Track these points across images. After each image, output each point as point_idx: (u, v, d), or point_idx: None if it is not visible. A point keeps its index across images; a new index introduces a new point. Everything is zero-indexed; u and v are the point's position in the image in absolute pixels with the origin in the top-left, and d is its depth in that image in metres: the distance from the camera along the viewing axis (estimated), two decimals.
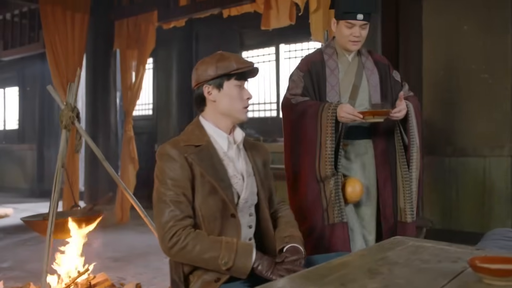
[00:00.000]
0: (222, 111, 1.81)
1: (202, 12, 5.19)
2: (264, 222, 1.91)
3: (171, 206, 1.68)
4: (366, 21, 2.41)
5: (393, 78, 2.62)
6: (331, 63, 2.55)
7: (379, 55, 2.68)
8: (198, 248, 1.63)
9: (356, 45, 2.48)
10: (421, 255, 1.60)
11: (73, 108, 3.04)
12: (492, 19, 4.64)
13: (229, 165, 1.80)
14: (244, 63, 1.81)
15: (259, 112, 6.67)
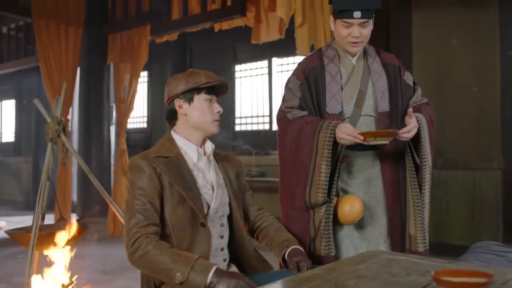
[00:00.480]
0: (192, 124, 1.87)
1: (194, 26, 5.24)
2: (238, 232, 1.94)
3: (137, 214, 1.72)
4: (365, 18, 2.08)
5: (404, 82, 2.27)
6: (332, 67, 2.23)
7: (388, 54, 2.32)
8: (156, 257, 1.64)
9: (356, 46, 2.15)
10: (391, 268, 1.60)
11: (59, 121, 3.06)
12: (481, 33, 4.69)
13: (198, 175, 1.85)
14: (214, 78, 1.86)
15: (252, 125, 6.70)
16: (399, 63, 2.30)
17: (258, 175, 6.09)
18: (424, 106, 2.26)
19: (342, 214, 2.11)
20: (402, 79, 2.27)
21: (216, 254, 1.86)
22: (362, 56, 2.25)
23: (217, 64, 6.91)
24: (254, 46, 5.62)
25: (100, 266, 4.65)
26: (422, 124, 2.12)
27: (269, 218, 2.07)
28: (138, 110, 8.08)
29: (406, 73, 2.31)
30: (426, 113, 2.20)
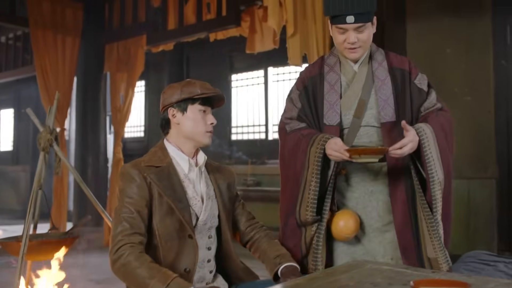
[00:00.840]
0: (185, 134, 1.87)
1: (190, 36, 5.28)
2: (225, 244, 1.94)
3: (123, 221, 1.73)
4: (360, 22, 1.93)
5: (415, 87, 2.06)
6: (332, 76, 2.11)
7: (399, 57, 2.12)
8: (136, 270, 1.64)
9: (354, 52, 2.01)
10: (374, 278, 1.60)
11: (51, 130, 3.07)
12: (474, 42, 4.71)
13: (188, 186, 1.85)
14: (209, 89, 1.86)
15: (248, 134, 6.72)
16: (410, 66, 2.10)
17: (253, 184, 6.09)
18: (435, 113, 2.03)
19: (336, 230, 2.00)
20: (413, 84, 2.07)
21: (203, 266, 1.87)
22: (367, 62, 2.09)
23: (213, 73, 6.93)
24: (250, 55, 5.65)
25: (94, 276, 4.65)
26: (424, 136, 1.91)
27: (261, 229, 2.06)
28: (135, 119, 8.11)
29: (419, 76, 2.10)
30: (434, 122, 1.99)
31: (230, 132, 6.86)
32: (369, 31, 1.99)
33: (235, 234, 2.08)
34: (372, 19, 1.99)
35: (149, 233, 1.78)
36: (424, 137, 1.92)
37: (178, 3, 5.33)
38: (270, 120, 6.48)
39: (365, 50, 2.05)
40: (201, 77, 6.97)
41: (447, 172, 1.98)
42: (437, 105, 2.07)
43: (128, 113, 6.17)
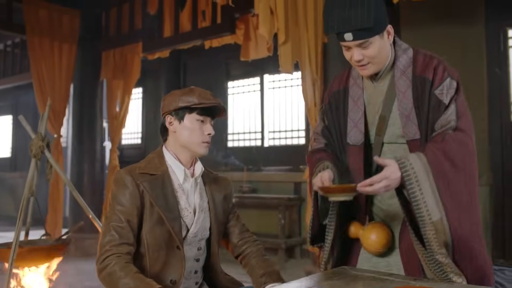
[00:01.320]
0: (181, 143, 1.84)
1: (185, 43, 5.30)
2: (213, 257, 1.93)
3: (112, 230, 1.72)
4: (360, 39, 1.73)
5: (435, 98, 1.77)
6: (355, 90, 1.94)
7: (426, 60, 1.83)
8: (121, 279, 1.64)
9: (364, 69, 1.82)
10: (355, 285, 1.61)
11: (43, 137, 3.08)
12: (468, 50, 4.73)
13: (181, 197, 1.82)
14: (208, 99, 1.81)
15: (244, 141, 6.73)
16: (436, 71, 1.79)
17: (249, 191, 6.09)
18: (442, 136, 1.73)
19: (367, 244, 1.86)
20: (433, 94, 1.78)
21: (189, 277, 1.87)
22: (389, 70, 1.87)
23: (210, 80, 6.96)
24: (247, 63, 5.67)
25: (88, 282, 4.65)
26: (410, 171, 1.64)
27: (253, 244, 2.02)
28: (132, 126, 8.13)
29: (445, 84, 1.79)
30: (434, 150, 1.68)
31: (227, 139, 6.87)
32: (376, 45, 1.76)
33: (227, 246, 2.06)
34: (380, 32, 1.75)
35: (137, 241, 1.77)
36: (408, 173, 1.63)
37: (174, 10, 5.35)
38: (266, 127, 6.50)
39: (379, 65, 1.82)
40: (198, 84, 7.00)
41: (459, 206, 1.67)
42: (451, 124, 1.74)
43: (124, 120, 6.19)
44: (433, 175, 1.65)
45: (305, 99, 3.86)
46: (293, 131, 6.22)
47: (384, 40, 1.78)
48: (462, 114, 1.77)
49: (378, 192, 1.67)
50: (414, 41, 5.02)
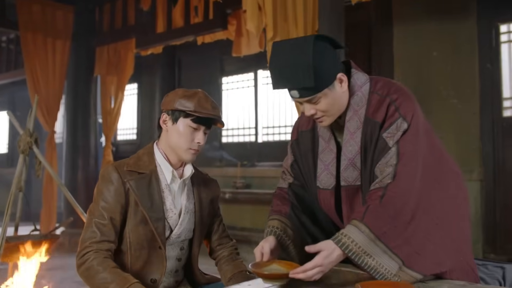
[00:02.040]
0: (169, 144, 1.82)
1: (178, 39, 5.30)
2: (193, 257, 1.94)
3: (94, 227, 1.72)
4: (306, 97, 1.66)
5: (382, 141, 1.68)
6: (324, 131, 1.84)
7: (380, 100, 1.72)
8: (98, 274, 1.66)
9: (320, 122, 1.75)
10: (330, 279, 1.62)
11: (31, 133, 3.09)
12: (460, 45, 4.73)
13: (167, 198, 1.81)
14: (205, 109, 1.75)
15: (238, 137, 6.74)
16: (386, 114, 1.69)
17: (243, 187, 6.11)
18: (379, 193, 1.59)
19: None
20: (380, 137, 1.69)
21: (170, 276, 1.87)
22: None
23: (204, 76, 6.96)
24: (241, 58, 5.68)
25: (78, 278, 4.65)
26: (351, 246, 1.51)
27: (227, 249, 2.02)
28: (128, 122, 8.14)
29: (392, 127, 1.68)
30: (372, 215, 1.55)
31: (221, 134, 6.88)
32: (327, 98, 1.68)
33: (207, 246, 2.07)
34: (328, 84, 1.66)
35: (120, 238, 1.78)
36: (350, 248, 1.51)
37: (167, 6, 5.36)
38: (260, 123, 6.50)
39: (335, 115, 1.74)
40: (192, 79, 6.99)
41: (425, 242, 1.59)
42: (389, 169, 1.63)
43: (118, 116, 6.20)
44: (380, 239, 1.52)
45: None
46: (287, 127, 6.23)
47: (336, 90, 1.69)
48: (405, 156, 1.64)
49: (311, 278, 1.52)
50: (406, 36, 5.04)
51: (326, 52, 1.67)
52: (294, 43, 1.68)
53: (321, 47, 1.65)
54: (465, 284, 1.58)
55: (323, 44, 1.66)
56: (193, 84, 7.02)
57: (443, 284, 1.55)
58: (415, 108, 1.72)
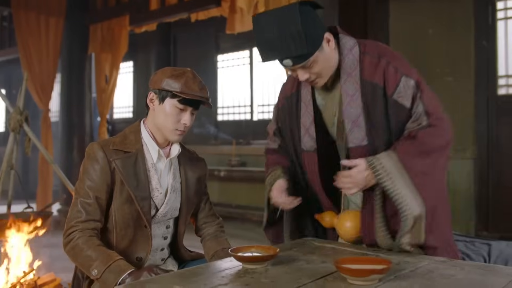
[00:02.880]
0: (156, 123, 1.80)
1: (171, 16, 5.25)
2: (179, 235, 1.95)
3: (79, 206, 1.73)
4: (300, 63, 1.70)
5: (394, 103, 1.73)
6: (306, 94, 1.89)
7: (374, 62, 1.77)
8: (83, 252, 1.67)
9: (315, 84, 1.80)
10: (312, 256, 1.63)
11: (21, 111, 3.09)
12: (456, 22, 4.69)
13: (153, 177, 1.81)
14: (192, 91, 1.72)
15: (233, 115, 6.72)
16: (386, 77, 1.74)
17: (238, 165, 6.12)
18: (412, 133, 1.70)
19: (342, 231, 1.86)
20: (390, 100, 1.73)
21: (155, 254, 1.89)
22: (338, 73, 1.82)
23: (200, 54, 6.91)
24: (236, 36, 5.62)
25: None
26: (380, 170, 1.64)
27: (212, 227, 2.03)
28: (124, 100, 8.12)
29: (401, 87, 1.73)
30: (405, 146, 1.68)
31: (216, 112, 6.86)
32: (319, 60, 1.72)
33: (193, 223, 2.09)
34: (318, 47, 1.70)
35: (106, 216, 1.78)
36: (379, 172, 1.64)
37: None
38: (255, 101, 6.48)
39: (328, 75, 1.79)
40: (188, 57, 6.94)
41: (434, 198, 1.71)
42: (423, 123, 1.71)
43: (112, 94, 6.18)
44: (407, 172, 1.64)
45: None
46: None
47: (325, 51, 1.74)
48: (431, 111, 1.73)
49: (346, 189, 1.70)
50: (402, 14, 4.99)
51: (311, 16, 1.69)
52: (278, 14, 1.69)
53: (305, 12, 1.67)
54: (445, 260, 1.60)
55: (307, 9, 1.68)
56: (188, 62, 6.98)
57: (424, 260, 1.57)
58: (409, 64, 1.79)
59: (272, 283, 1.30)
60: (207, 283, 1.31)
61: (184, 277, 1.38)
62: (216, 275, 1.39)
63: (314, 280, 1.33)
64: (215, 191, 6.45)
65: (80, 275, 1.83)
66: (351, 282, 1.30)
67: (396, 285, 1.30)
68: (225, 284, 1.30)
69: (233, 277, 1.37)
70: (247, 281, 1.32)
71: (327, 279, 1.35)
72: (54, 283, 3.13)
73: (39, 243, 4.06)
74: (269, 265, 1.49)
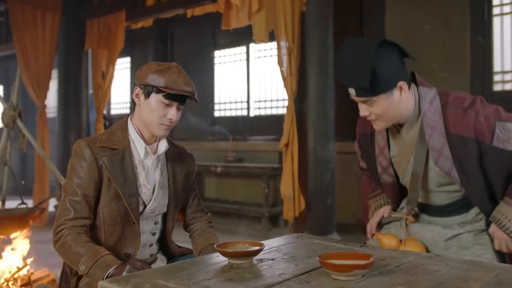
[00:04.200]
0: (142, 119, 1.80)
1: (167, 12, 5.24)
2: (167, 231, 1.96)
3: (67, 204, 1.74)
4: (362, 97, 1.74)
5: (494, 150, 1.74)
6: (380, 138, 1.96)
7: (458, 117, 1.75)
8: (72, 248, 1.68)
9: (374, 124, 1.84)
10: (299, 251, 1.64)
11: (15, 107, 3.09)
12: (452, 18, 4.69)
13: (141, 173, 1.82)
14: (177, 86, 1.73)
15: (230, 111, 6.72)
16: (479, 129, 1.73)
17: (234, 161, 6.12)
18: None
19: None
20: (490, 148, 1.74)
21: (144, 250, 1.89)
22: (416, 122, 1.84)
23: (197, 49, 6.91)
24: (233, 32, 5.61)
25: None
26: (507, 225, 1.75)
27: (201, 223, 2.04)
28: (121, 96, 8.12)
29: (498, 133, 1.72)
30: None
31: (213, 108, 6.86)
32: (382, 104, 1.73)
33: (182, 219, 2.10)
34: (386, 91, 1.72)
35: (94, 213, 1.79)
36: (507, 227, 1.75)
37: None
38: (252, 97, 6.48)
39: (389, 122, 1.81)
40: (185, 53, 6.93)
41: None
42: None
43: (109, 90, 6.18)
44: None
45: (281, 68, 3.84)
46: (278, 101, 6.21)
47: (394, 98, 1.74)
48: None
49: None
50: (398, 9, 4.99)
51: (390, 58, 1.70)
52: (362, 42, 1.75)
53: (385, 51, 1.69)
54: (431, 255, 1.60)
55: (388, 50, 1.71)
56: (185, 58, 6.97)
57: (410, 256, 1.57)
58: (493, 105, 1.80)
59: (255, 278, 1.31)
60: (191, 278, 1.31)
61: (168, 272, 1.39)
62: (200, 270, 1.40)
63: (297, 276, 1.33)
64: (212, 187, 6.46)
65: (68, 270, 1.84)
66: (335, 278, 1.30)
67: (379, 280, 1.30)
68: (209, 279, 1.30)
69: (217, 272, 1.37)
70: (230, 276, 1.33)
71: (310, 274, 1.35)
72: (48, 279, 3.14)
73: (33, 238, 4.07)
74: (256, 260, 1.50)
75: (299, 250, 1.66)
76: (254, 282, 1.27)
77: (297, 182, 4.32)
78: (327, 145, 4.25)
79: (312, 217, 4.38)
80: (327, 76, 4.14)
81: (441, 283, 1.28)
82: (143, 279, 1.32)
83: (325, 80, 4.14)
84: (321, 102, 4.17)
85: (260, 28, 3.72)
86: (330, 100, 4.24)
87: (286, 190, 4.31)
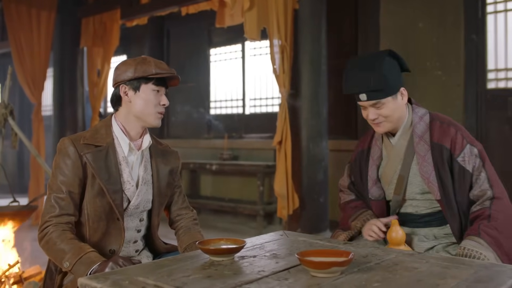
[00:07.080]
0: (135, 113, 1.83)
1: (162, 10, 5.24)
2: (153, 228, 1.97)
3: (52, 201, 1.75)
4: (373, 100, 1.95)
5: (458, 165, 1.95)
6: (375, 150, 2.16)
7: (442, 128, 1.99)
8: (56, 245, 1.69)
9: (378, 127, 2.02)
10: (282, 248, 1.65)
11: (6, 105, 3.09)
12: (446, 16, 4.69)
13: (125, 170, 1.83)
14: (164, 69, 1.80)
15: (226, 108, 6.72)
16: (454, 142, 1.95)
17: (230, 159, 6.13)
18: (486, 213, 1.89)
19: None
20: (455, 161, 1.95)
21: (128, 246, 1.91)
22: (408, 132, 2.06)
23: (193, 47, 6.90)
24: (228, 29, 5.62)
25: None
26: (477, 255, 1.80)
27: (186, 220, 2.05)
28: None
29: (466, 151, 1.94)
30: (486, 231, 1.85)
31: (209, 106, 6.86)
32: (389, 106, 1.96)
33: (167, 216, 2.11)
34: (393, 93, 1.95)
35: (79, 210, 1.80)
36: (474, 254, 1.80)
37: None
38: (247, 95, 6.48)
39: (393, 123, 2.02)
40: (181, 51, 6.91)
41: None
42: (488, 194, 1.91)
43: (104, 88, 6.18)
44: (493, 248, 1.83)
45: (273, 66, 3.84)
46: (274, 99, 6.21)
47: (398, 101, 1.99)
48: (493, 181, 1.94)
49: None
50: (392, 7, 4.99)
51: (395, 68, 1.98)
52: (367, 57, 2.02)
53: (391, 61, 1.97)
54: (413, 253, 1.61)
55: (393, 60, 1.98)
56: (181, 56, 6.98)
57: (391, 253, 1.58)
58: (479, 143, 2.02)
59: (233, 275, 1.32)
60: (170, 275, 1.32)
61: (149, 269, 1.40)
62: (181, 267, 1.41)
63: (276, 273, 1.34)
64: (207, 185, 6.47)
65: (53, 267, 1.86)
66: (313, 275, 1.31)
67: (357, 277, 1.31)
68: (188, 276, 1.31)
69: (197, 269, 1.38)
70: (210, 273, 1.34)
71: (289, 271, 1.36)
72: (40, 276, 3.14)
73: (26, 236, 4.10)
74: (237, 257, 1.50)
75: (282, 247, 1.67)
76: (232, 279, 1.28)
77: (291, 180, 4.33)
78: (320, 143, 4.26)
79: (306, 215, 4.39)
80: (320, 74, 4.15)
81: (419, 280, 1.29)
82: (123, 276, 1.33)
83: (318, 78, 4.14)
84: (314, 100, 4.17)
85: (252, 26, 3.72)
86: (323, 98, 4.25)
87: (280, 188, 4.32)
